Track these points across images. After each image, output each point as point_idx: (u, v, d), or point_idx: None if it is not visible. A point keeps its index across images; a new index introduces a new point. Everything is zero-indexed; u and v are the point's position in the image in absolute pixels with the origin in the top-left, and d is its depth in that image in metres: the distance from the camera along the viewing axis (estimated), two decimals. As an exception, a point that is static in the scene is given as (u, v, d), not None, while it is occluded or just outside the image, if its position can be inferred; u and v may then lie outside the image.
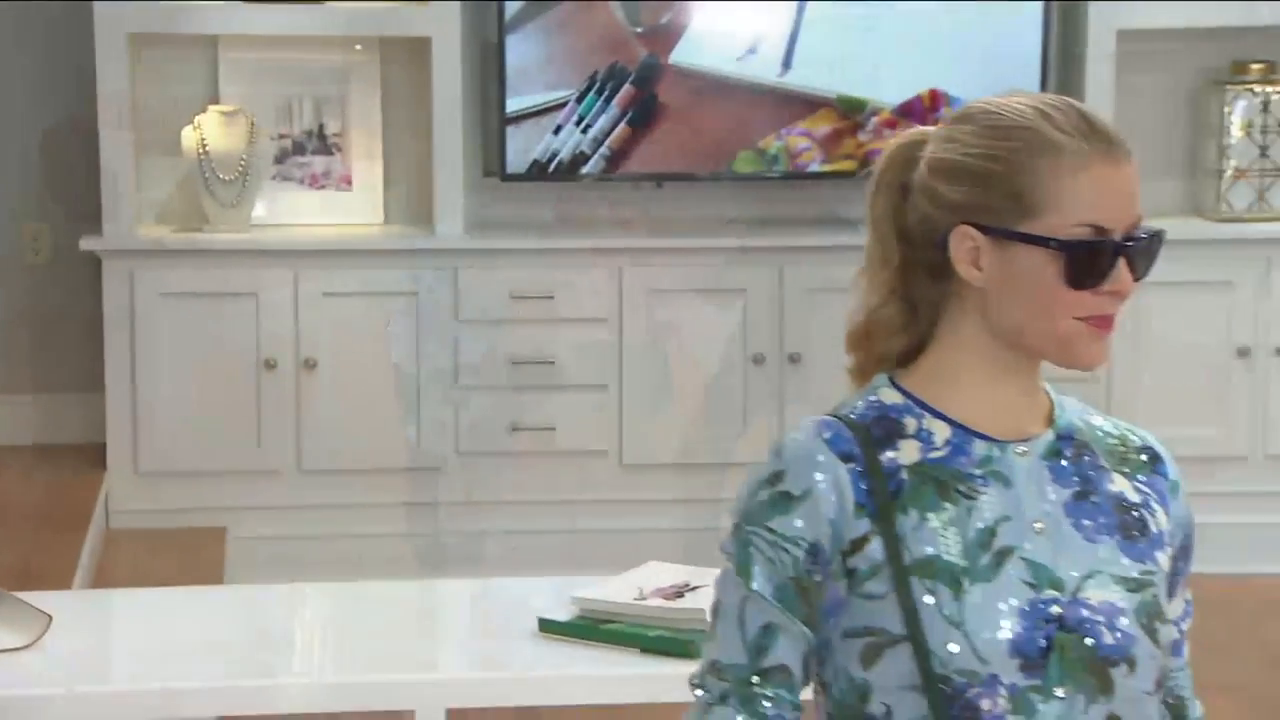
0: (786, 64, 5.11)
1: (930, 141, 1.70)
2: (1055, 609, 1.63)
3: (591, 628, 2.63)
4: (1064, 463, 1.69)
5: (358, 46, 5.16)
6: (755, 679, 1.65)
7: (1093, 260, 1.63)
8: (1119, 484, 1.70)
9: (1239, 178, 5.16)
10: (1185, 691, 1.77)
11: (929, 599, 1.61)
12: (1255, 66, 5.17)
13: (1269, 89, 5.15)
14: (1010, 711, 1.61)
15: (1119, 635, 1.63)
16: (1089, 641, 1.62)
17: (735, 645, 1.66)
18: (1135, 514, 1.69)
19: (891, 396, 1.70)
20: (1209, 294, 5.13)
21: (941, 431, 1.68)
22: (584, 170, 5.13)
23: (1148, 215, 1.67)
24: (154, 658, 2.68)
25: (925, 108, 5.08)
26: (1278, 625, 4.81)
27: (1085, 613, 1.63)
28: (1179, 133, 5.28)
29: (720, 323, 5.10)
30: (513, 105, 5.07)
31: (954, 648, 1.60)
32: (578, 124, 5.09)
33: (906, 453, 1.67)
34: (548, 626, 2.65)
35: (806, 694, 1.69)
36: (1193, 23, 5.15)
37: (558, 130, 5.09)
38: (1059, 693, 1.62)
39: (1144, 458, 1.74)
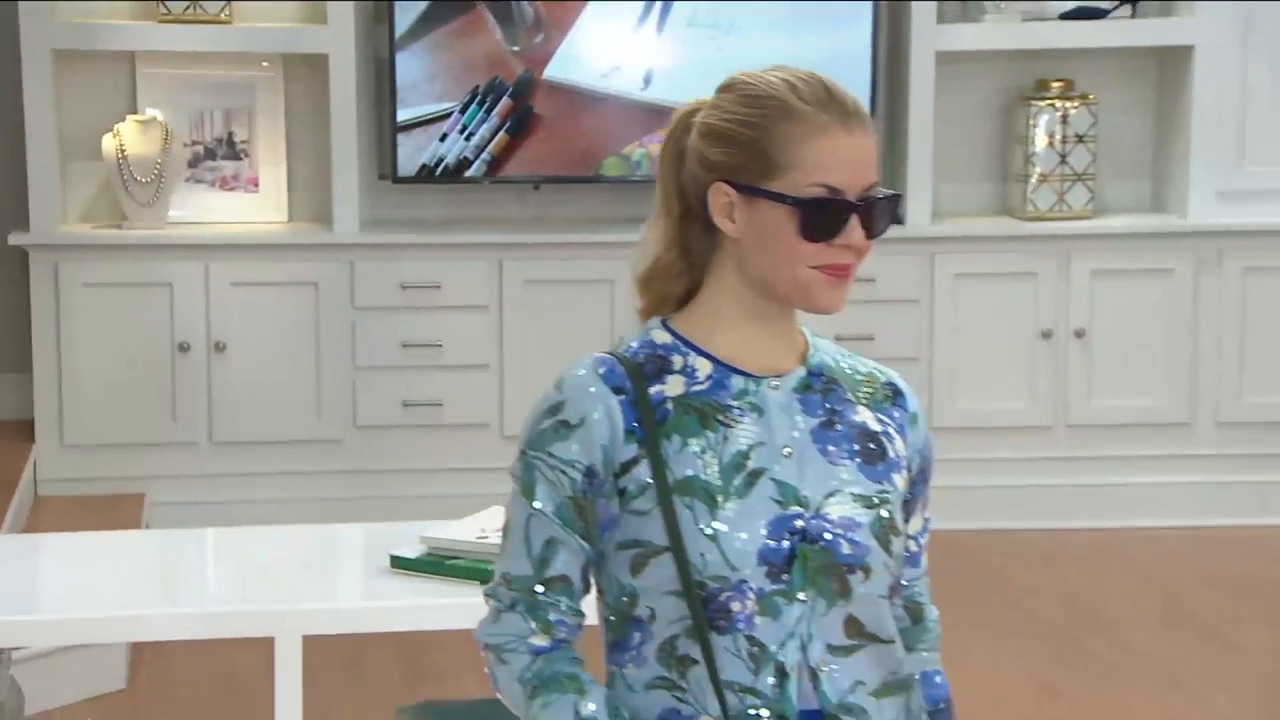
0: (647, 80, 5.13)
1: (702, 109, 1.70)
2: (799, 523, 1.63)
3: (438, 563, 2.61)
4: (813, 395, 1.69)
5: (264, 63, 5.12)
6: (540, 588, 1.65)
7: (825, 216, 1.62)
8: (862, 415, 1.71)
9: (1043, 182, 5.22)
10: (923, 597, 1.78)
11: (688, 514, 1.61)
12: (1056, 84, 5.23)
13: (1068, 104, 5.21)
14: (758, 613, 1.61)
15: (855, 546, 1.63)
16: (828, 551, 1.63)
17: (521, 558, 1.66)
18: (875, 442, 1.70)
19: (662, 337, 1.71)
20: (1017, 283, 5.17)
21: (704, 368, 1.68)
22: (468, 174, 5.11)
23: (965, 214, 1.68)
24: (52, 593, 2.65)
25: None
26: (1076, 571, 4.87)
27: (826, 526, 1.63)
28: (991, 142, 5.33)
29: (590, 310, 5.09)
30: (403, 115, 5.04)
31: (709, 556, 1.60)
32: (461, 132, 5.07)
33: (673, 386, 1.67)
34: (398, 563, 2.63)
35: (589, 603, 1.69)
36: (1002, 46, 5.21)
37: (444, 138, 5.07)
38: (801, 596, 1.62)
39: (888, 392, 1.74)
